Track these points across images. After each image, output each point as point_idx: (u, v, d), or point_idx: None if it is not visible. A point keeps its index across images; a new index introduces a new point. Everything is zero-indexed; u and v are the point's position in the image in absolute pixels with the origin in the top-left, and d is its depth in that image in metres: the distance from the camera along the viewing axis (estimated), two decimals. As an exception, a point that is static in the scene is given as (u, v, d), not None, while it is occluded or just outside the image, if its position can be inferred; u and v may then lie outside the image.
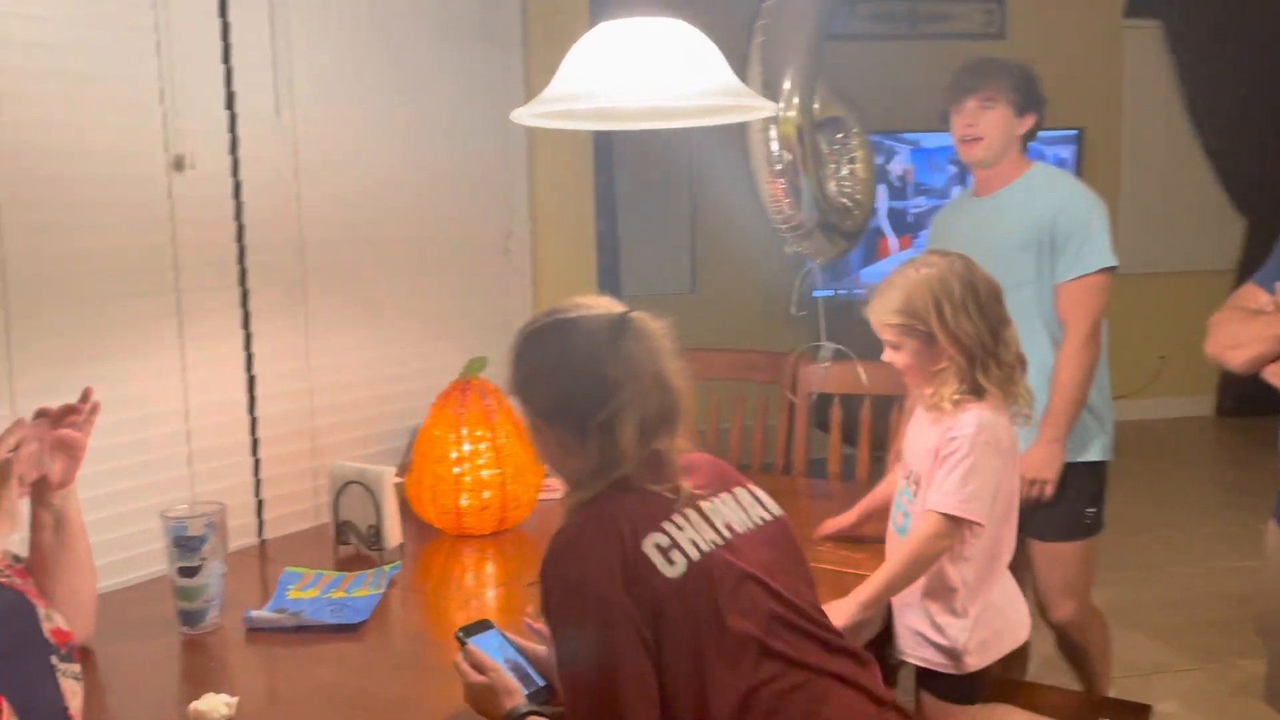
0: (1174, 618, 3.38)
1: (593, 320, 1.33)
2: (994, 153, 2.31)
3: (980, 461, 1.59)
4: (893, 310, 1.65)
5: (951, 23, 5.75)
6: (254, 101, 2.08)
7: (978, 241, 2.28)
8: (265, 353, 2.13)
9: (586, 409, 1.29)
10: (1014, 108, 2.29)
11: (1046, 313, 2.28)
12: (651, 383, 1.30)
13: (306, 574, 1.88)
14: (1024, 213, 2.28)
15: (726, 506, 1.34)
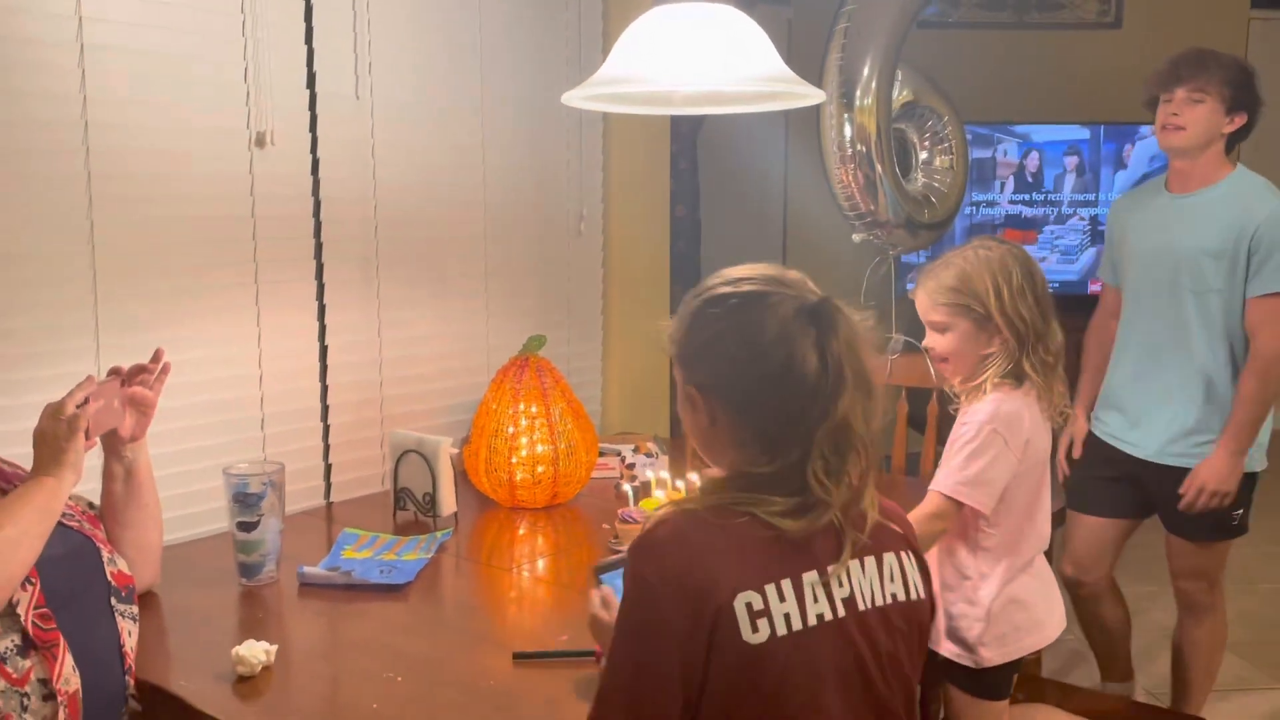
0: (1257, 635, 3.24)
1: (790, 302, 1.16)
2: (1194, 145, 2.24)
3: (985, 448, 1.57)
4: (949, 289, 1.63)
5: (1063, 12, 5.56)
6: (334, 82, 2.17)
7: (1167, 239, 2.29)
8: (338, 324, 2.22)
9: (772, 404, 1.14)
10: (1224, 104, 2.22)
11: (1231, 323, 2.23)
12: (866, 383, 1.14)
13: (363, 535, 1.97)
14: (1223, 219, 2.21)
15: (861, 575, 1.15)
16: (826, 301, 1.15)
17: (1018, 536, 1.64)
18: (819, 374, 1.12)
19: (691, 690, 1.07)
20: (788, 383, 1.13)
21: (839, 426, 1.12)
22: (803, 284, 1.19)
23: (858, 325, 1.16)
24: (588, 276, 2.83)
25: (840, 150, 2.65)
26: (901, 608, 1.17)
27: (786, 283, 1.18)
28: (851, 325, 1.15)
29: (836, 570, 1.13)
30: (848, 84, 2.64)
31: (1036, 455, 1.63)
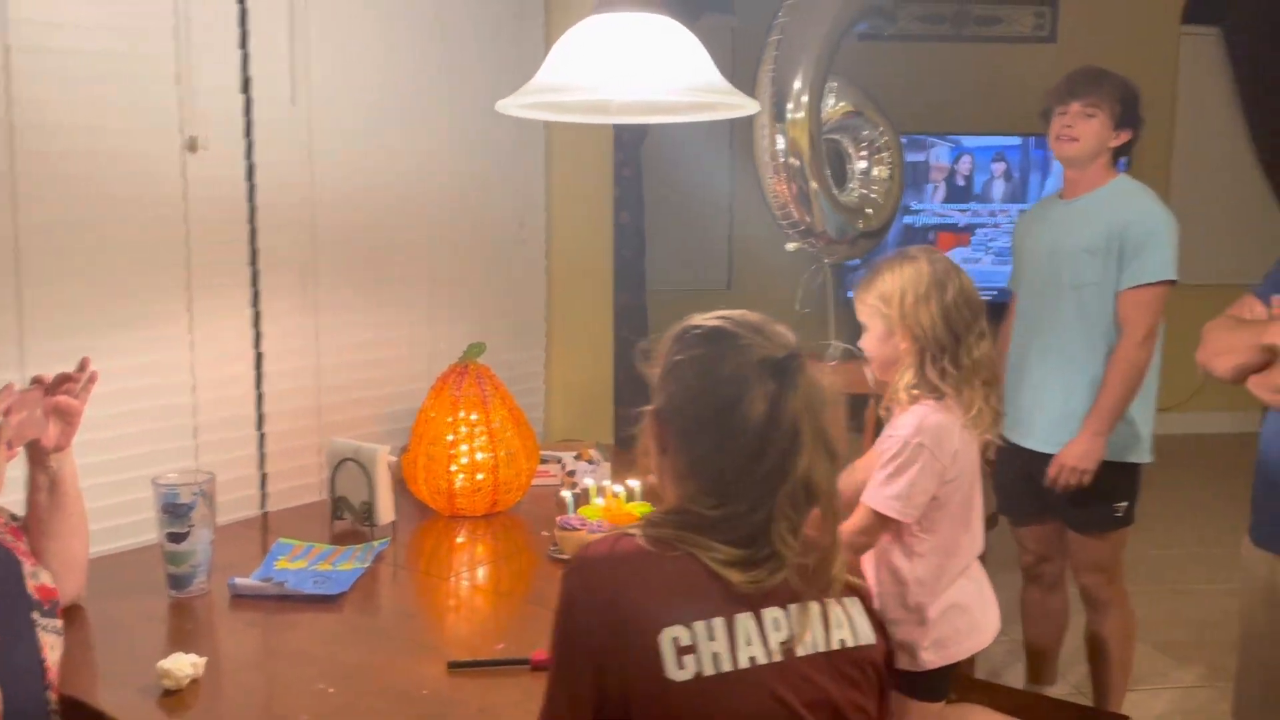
0: (1190, 634, 3.32)
1: (758, 350, 1.16)
2: (1085, 155, 2.41)
3: (910, 462, 1.61)
4: (868, 292, 1.70)
5: (1000, 25, 5.67)
6: (270, 86, 2.14)
7: (1057, 240, 2.46)
8: (274, 331, 2.19)
9: (719, 444, 1.14)
10: (1114, 120, 2.39)
11: (1107, 317, 2.39)
12: (824, 441, 1.14)
13: (297, 545, 1.95)
14: (1101, 218, 2.38)
15: (802, 618, 1.13)
16: (794, 357, 1.15)
17: (953, 542, 1.67)
18: (764, 425, 1.11)
19: (606, 717, 1.07)
20: (730, 423, 1.13)
21: (801, 486, 1.12)
22: (780, 337, 1.18)
23: (822, 386, 1.16)
24: (530, 283, 2.83)
25: (774, 162, 2.69)
26: (851, 654, 1.16)
27: (764, 332, 1.18)
28: (814, 385, 1.15)
29: (768, 610, 1.11)
30: (779, 96, 2.69)
31: (965, 465, 1.66)
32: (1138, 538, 2.56)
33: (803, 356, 1.16)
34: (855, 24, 2.81)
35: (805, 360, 1.15)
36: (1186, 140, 5.85)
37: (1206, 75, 5.83)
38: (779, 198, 2.74)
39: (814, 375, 1.15)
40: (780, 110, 2.73)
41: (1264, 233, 5.79)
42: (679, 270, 5.35)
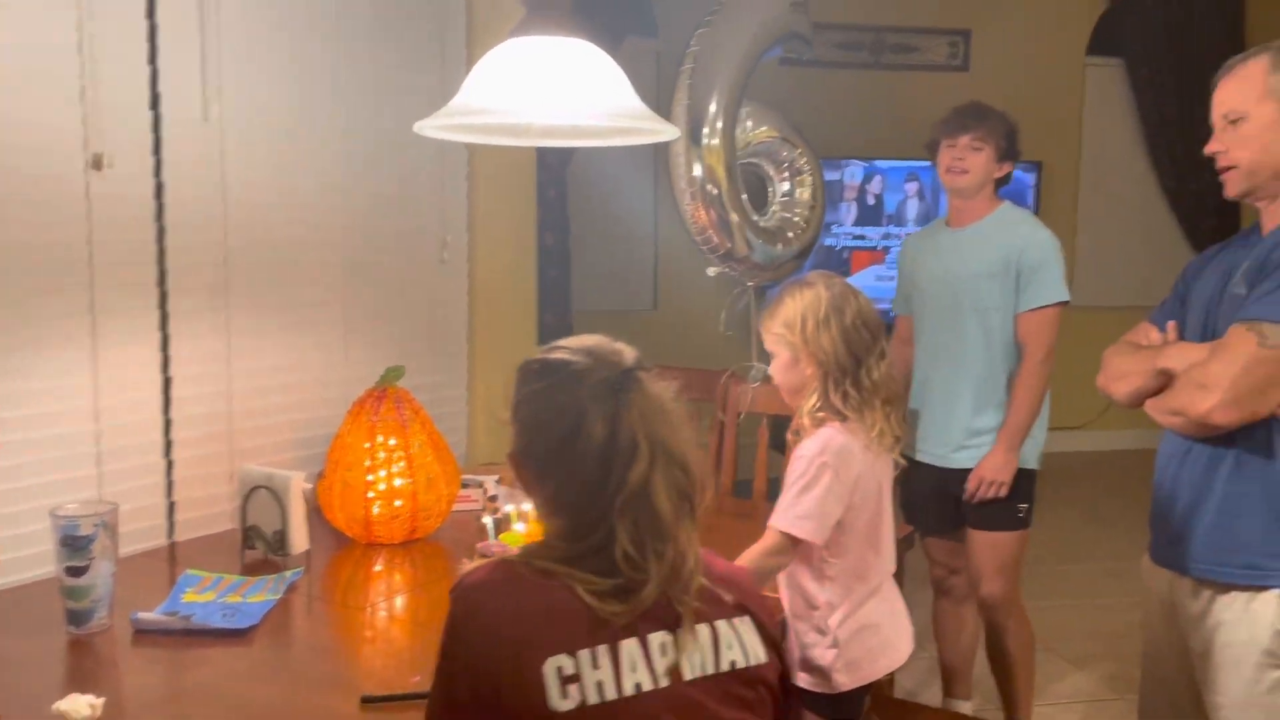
0: (1101, 647, 3.41)
1: (593, 373, 1.15)
2: (974, 187, 2.56)
3: (816, 481, 1.63)
4: (771, 320, 1.73)
5: (916, 54, 5.82)
6: (180, 103, 2.09)
7: (950, 267, 2.58)
8: (183, 354, 2.12)
9: (572, 470, 1.14)
10: (998, 153, 2.55)
11: (1007, 337, 2.54)
12: (667, 456, 1.13)
13: (206, 577, 1.88)
14: (994, 245, 2.53)
15: (687, 640, 1.12)
16: (627, 373, 1.14)
17: (862, 564, 1.68)
18: (606, 444, 1.11)
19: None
20: (574, 452, 1.13)
21: (635, 496, 1.10)
22: (614, 356, 1.18)
23: (658, 396, 1.15)
24: (452, 305, 2.79)
25: (691, 189, 2.72)
26: (742, 675, 1.15)
27: (598, 354, 1.18)
28: (648, 396, 1.14)
29: (654, 635, 1.11)
30: (694, 122, 2.72)
31: (870, 486, 1.68)
32: (1050, 553, 2.64)
33: (637, 372, 1.15)
34: (769, 50, 2.84)
35: (640, 376, 1.15)
36: (1092, 167, 6.07)
37: (1111, 105, 6.06)
38: (698, 223, 2.76)
39: (651, 389, 1.15)
40: (696, 136, 2.76)
41: (1168, 257, 6.01)
42: (605, 291, 5.35)
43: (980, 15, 5.79)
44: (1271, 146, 1.65)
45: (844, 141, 5.19)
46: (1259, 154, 1.66)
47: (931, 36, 5.82)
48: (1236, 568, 1.66)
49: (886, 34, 5.76)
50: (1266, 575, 1.64)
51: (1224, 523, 1.67)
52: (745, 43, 2.75)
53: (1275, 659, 1.63)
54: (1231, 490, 1.67)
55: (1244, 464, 1.65)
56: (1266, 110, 1.65)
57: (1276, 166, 1.66)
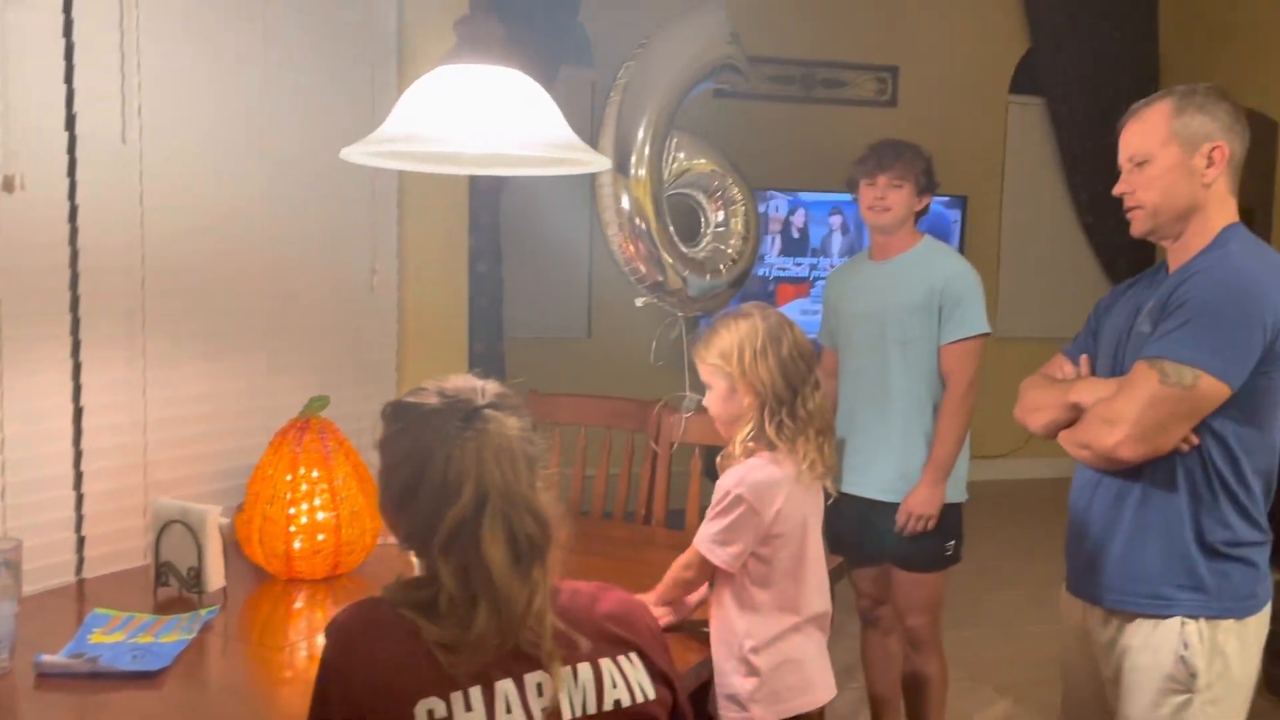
0: (1027, 674, 3.45)
1: (441, 415, 1.14)
2: (896, 222, 2.60)
3: (729, 511, 1.65)
4: (707, 351, 1.73)
5: (845, 89, 5.94)
6: (97, 124, 2.02)
7: (873, 300, 2.61)
8: (96, 383, 2.05)
9: (417, 509, 1.13)
10: (917, 189, 2.61)
11: (928, 368, 2.56)
12: (502, 499, 1.11)
13: (116, 616, 1.80)
14: (916, 279, 2.57)
15: (572, 683, 1.11)
16: (473, 412, 1.13)
17: (785, 597, 1.69)
18: (439, 486, 1.11)
19: None
20: (417, 494, 1.12)
21: (454, 539, 1.08)
22: (471, 395, 1.16)
23: (504, 436, 1.12)
24: (381, 333, 2.74)
25: (619, 220, 2.72)
26: (627, 713, 1.14)
27: (454, 393, 1.16)
28: (490, 436, 1.12)
29: (530, 675, 1.09)
30: (622, 156, 2.72)
31: (793, 519, 1.68)
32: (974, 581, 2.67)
33: (486, 410, 1.14)
34: (701, 83, 2.86)
35: (487, 414, 1.13)
36: (1014, 202, 6.24)
37: (1032, 142, 6.24)
38: (626, 255, 2.76)
39: (498, 428, 1.13)
40: (623, 167, 2.76)
41: (1086, 290, 6.19)
42: (538, 318, 5.32)
43: (908, 52, 5.93)
44: (1173, 189, 1.70)
45: (772, 173, 5.25)
46: (1161, 196, 1.71)
47: (861, 72, 5.94)
48: (1142, 597, 1.71)
49: (817, 68, 5.86)
50: (1169, 605, 1.69)
51: (1131, 554, 1.72)
52: (675, 75, 2.76)
53: (1175, 684, 1.68)
54: (1137, 522, 1.72)
55: (1149, 497, 1.70)
56: (1170, 153, 1.70)
57: (1178, 208, 1.71)
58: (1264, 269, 1.66)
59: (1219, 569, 1.68)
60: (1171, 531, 1.68)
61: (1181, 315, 1.63)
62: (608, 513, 2.77)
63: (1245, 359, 1.61)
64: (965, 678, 3.40)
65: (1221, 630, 1.68)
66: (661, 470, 2.69)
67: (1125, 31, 6.01)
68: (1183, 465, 1.67)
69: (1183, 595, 1.68)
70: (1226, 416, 1.64)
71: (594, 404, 2.85)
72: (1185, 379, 1.60)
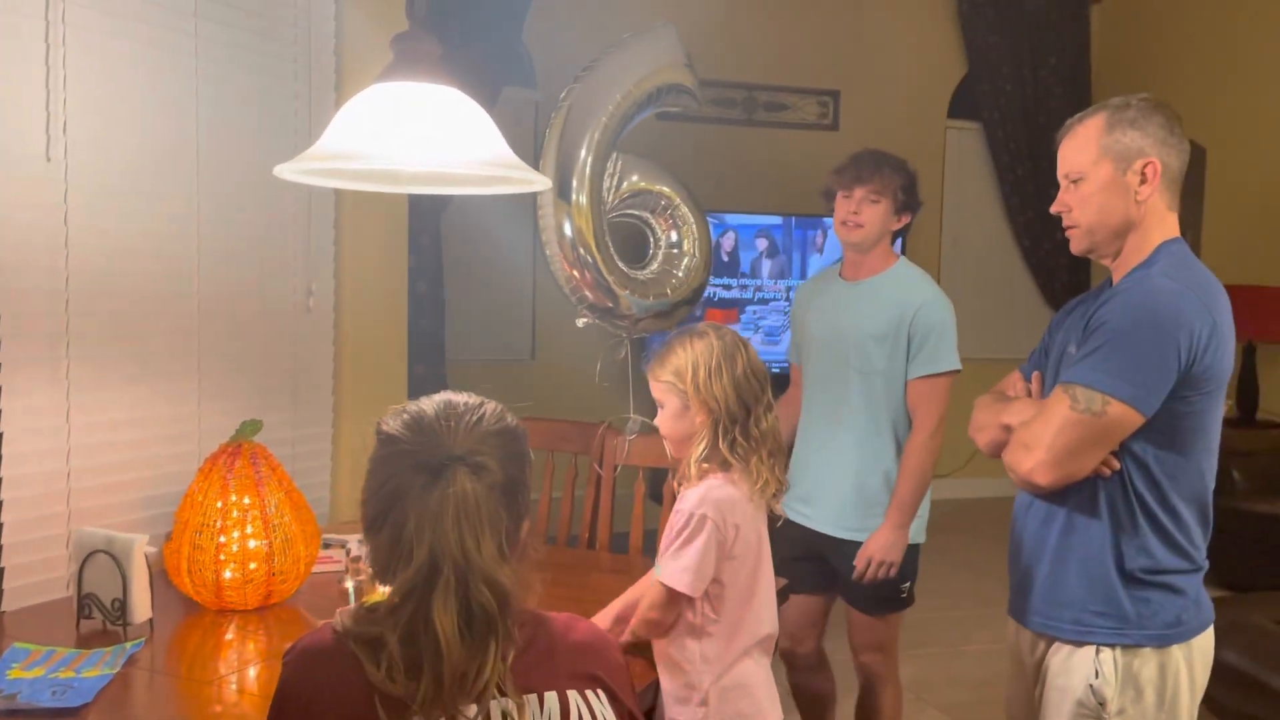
0: (971, 694, 3.47)
1: (413, 451, 1.11)
2: (870, 241, 2.43)
3: (695, 533, 1.62)
4: (660, 368, 1.71)
5: (787, 112, 6.00)
6: (19, 142, 1.95)
7: (838, 322, 2.45)
8: (16, 408, 1.97)
9: (379, 546, 1.11)
10: (896, 205, 2.42)
11: (894, 403, 2.40)
12: (456, 570, 1.06)
13: (35, 650, 1.72)
14: (886, 305, 2.40)
15: (539, 713, 1.09)
16: (444, 467, 1.09)
17: (737, 622, 1.66)
18: (396, 538, 1.08)
19: None
20: (382, 532, 1.10)
21: (402, 606, 1.05)
22: (447, 438, 1.11)
23: (472, 497, 1.07)
24: (317, 355, 2.68)
25: (563, 251, 2.69)
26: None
27: (430, 431, 1.12)
28: (448, 499, 1.06)
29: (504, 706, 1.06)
30: (564, 180, 2.69)
31: (749, 540, 1.67)
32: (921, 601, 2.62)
33: (454, 464, 1.09)
34: (646, 107, 2.85)
35: (459, 472, 1.08)
36: (953, 224, 6.34)
37: (970, 165, 6.36)
38: (572, 282, 2.73)
39: (466, 486, 1.07)
40: (565, 192, 2.73)
41: (1024, 311, 6.31)
42: (481, 340, 5.27)
43: (849, 77, 6.02)
44: (1107, 206, 1.67)
45: (719, 195, 5.27)
46: (1096, 215, 1.68)
47: (803, 96, 6.01)
48: (1064, 622, 1.71)
49: (759, 91, 5.92)
50: (1089, 631, 1.68)
51: (1054, 578, 1.72)
52: (621, 97, 2.75)
53: (1085, 710, 1.67)
54: (1061, 546, 1.71)
55: (1072, 522, 1.69)
56: (1103, 170, 1.67)
57: (1113, 226, 1.68)
58: (1181, 289, 1.60)
59: (1139, 596, 1.65)
60: (1092, 557, 1.67)
61: (1096, 339, 1.61)
62: (551, 537, 2.73)
63: (1158, 385, 1.57)
64: (912, 697, 3.41)
65: (1139, 658, 1.65)
66: (605, 493, 2.65)
67: (1059, 58, 6.17)
68: (1105, 490, 1.65)
69: (1100, 622, 1.67)
70: (1147, 441, 1.62)
71: (535, 427, 2.76)
72: (1094, 405, 1.58)
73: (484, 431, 1.13)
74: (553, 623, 1.18)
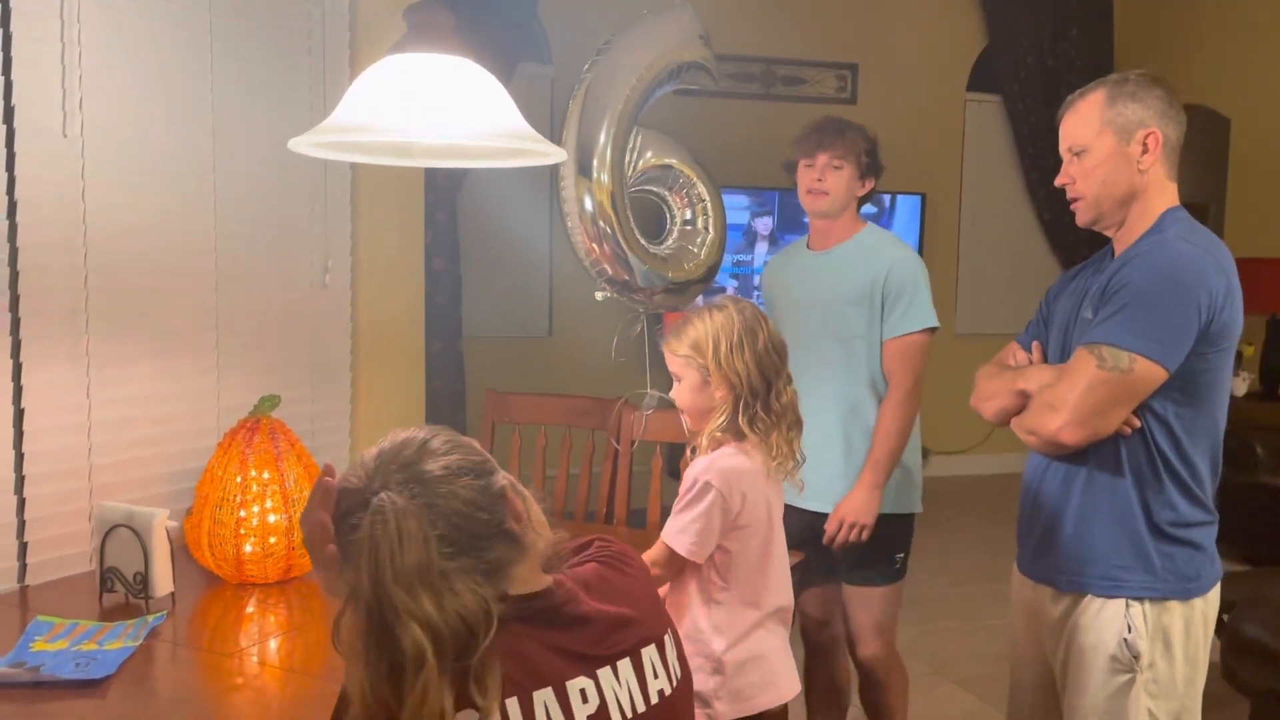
0: (989, 669, 3.47)
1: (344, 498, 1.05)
2: (836, 208, 2.39)
3: (698, 499, 1.62)
4: (679, 341, 1.69)
5: (805, 86, 5.94)
6: (37, 117, 1.96)
7: (812, 292, 2.41)
8: (37, 384, 1.98)
9: None
10: (860, 170, 2.38)
11: (873, 366, 2.37)
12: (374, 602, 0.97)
13: (59, 624, 1.74)
14: (857, 270, 2.36)
15: (615, 682, 1.05)
16: (364, 504, 1.00)
17: (751, 592, 1.66)
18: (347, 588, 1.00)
19: None
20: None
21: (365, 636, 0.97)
22: (369, 478, 1.03)
23: (394, 529, 0.98)
24: (334, 331, 2.69)
25: (584, 225, 2.67)
26: (670, 700, 1.10)
27: (354, 481, 1.05)
28: (375, 540, 0.97)
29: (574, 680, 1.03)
30: (584, 155, 2.66)
31: (759, 511, 1.66)
32: (938, 577, 2.63)
33: (375, 498, 1.01)
34: (664, 84, 2.82)
35: (378, 500, 1.00)
36: (973, 198, 6.28)
37: (989, 139, 6.29)
38: (592, 257, 2.72)
39: (391, 518, 0.98)
40: (585, 168, 2.70)
41: (1045, 285, 6.21)
42: (499, 317, 5.28)
43: (867, 50, 5.95)
44: (1111, 177, 1.73)
45: (738, 171, 5.24)
46: (1100, 186, 1.74)
47: (821, 69, 5.95)
48: (1092, 578, 1.74)
49: (777, 66, 5.87)
50: (1117, 585, 1.72)
51: (1079, 535, 1.76)
52: (640, 74, 2.72)
53: (1119, 664, 1.71)
54: (1085, 504, 1.75)
55: (1095, 480, 1.74)
56: (1106, 142, 1.72)
57: (1118, 196, 1.74)
58: (1199, 252, 1.67)
59: (1165, 550, 1.70)
60: (1119, 513, 1.72)
61: (1119, 301, 1.66)
62: (568, 513, 2.73)
63: (1181, 342, 1.63)
64: (929, 672, 3.41)
65: (1167, 612, 1.70)
66: (623, 469, 2.65)
67: (1080, 29, 6.08)
68: (1126, 448, 1.70)
69: (1130, 576, 1.71)
70: (1166, 399, 1.67)
71: (552, 403, 2.81)
72: (1122, 363, 1.63)
73: (442, 451, 1.06)
74: (611, 564, 1.15)
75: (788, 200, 5.43)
